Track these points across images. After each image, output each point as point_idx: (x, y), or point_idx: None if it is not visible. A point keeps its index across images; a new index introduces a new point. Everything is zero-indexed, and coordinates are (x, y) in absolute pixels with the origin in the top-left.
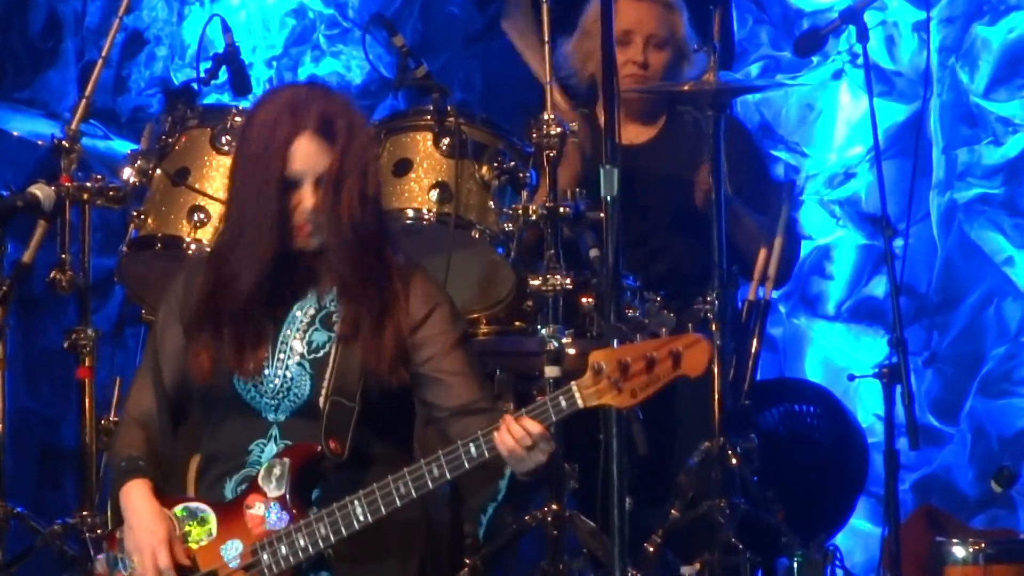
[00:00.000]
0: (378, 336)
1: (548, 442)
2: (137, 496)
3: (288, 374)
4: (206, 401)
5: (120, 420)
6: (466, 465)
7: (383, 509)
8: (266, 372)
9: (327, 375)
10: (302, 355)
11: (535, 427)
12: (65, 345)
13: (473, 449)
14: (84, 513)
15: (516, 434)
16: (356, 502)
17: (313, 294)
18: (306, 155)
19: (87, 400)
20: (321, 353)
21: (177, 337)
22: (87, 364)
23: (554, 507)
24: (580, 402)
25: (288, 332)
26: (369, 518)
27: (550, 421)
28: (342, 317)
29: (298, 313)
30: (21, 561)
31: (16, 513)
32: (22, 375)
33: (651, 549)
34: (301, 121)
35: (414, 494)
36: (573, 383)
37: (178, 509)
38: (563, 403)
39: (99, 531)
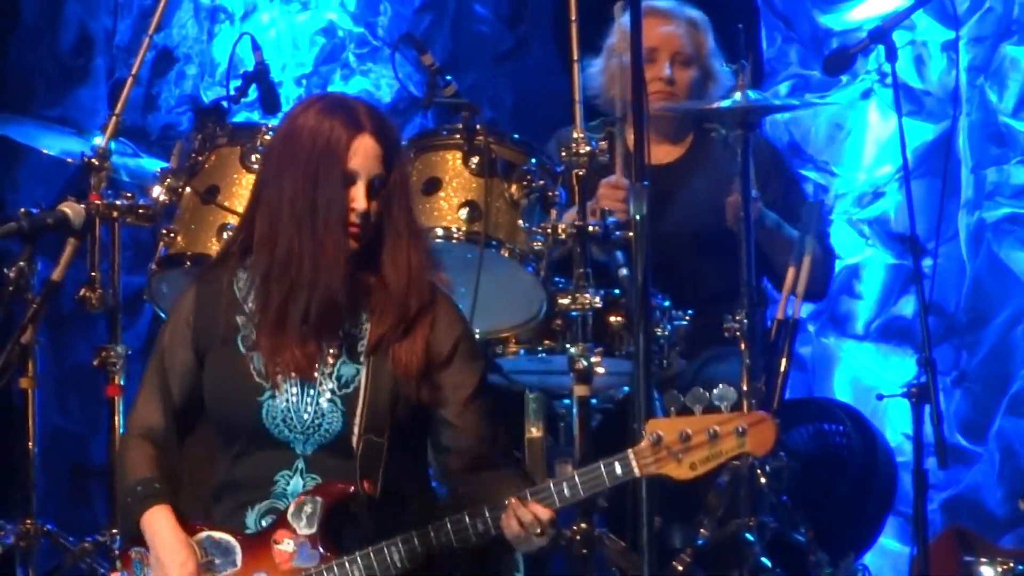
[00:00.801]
0: (405, 352)
1: (554, 526)
2: (161, 524)
3: (320, 409)
4: (227, 430)
5: (125, 438)
6: (473, 539)
7: (421, 558)
8: (296, 405)
9: (358, 411)
10: (332, 391)
11: (544, 513)
12: (95, 363)
13: (480, 525)
14: (114, 531)
15: (525, 519)
16: (393, 548)
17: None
18: (365, 155)
19: (117, 418)
20: (351, 388)
21: (187, 356)
22: (117, 382)
23: (583, 525)
24: (636, 471)
25: (320, 364)
26: (407, 565)
27: (604, 487)
28: (370, 332)
29: (329, 341)
30: None
31: (46, 530)
32: (52, 393)
33: (680, 568)
34: (359, 120)
35: (455, 544)
36: (630, 450)
37: (201, 537)
38: (619, 470)
39: None
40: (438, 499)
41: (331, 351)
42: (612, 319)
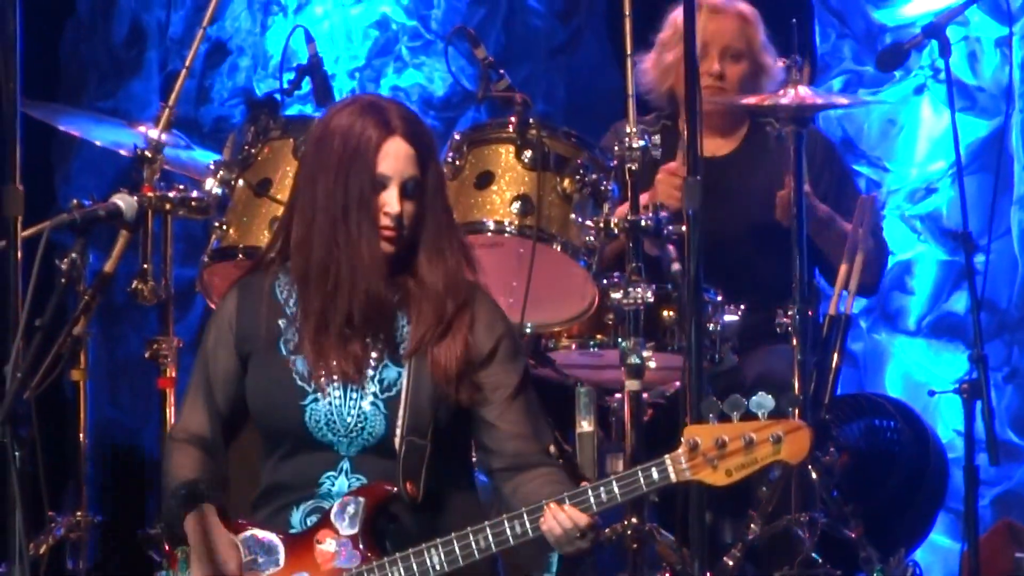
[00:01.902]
0: (444, 353)
1: (594, 531)
2: (204, 524)
3: (362, 412)
4: (272, 433)
5: (169, 442)
6: (511, 541)
7: (460, 561)
8: (339, 408)
9: (400, 413)
10: (375, 394)
11: (582, 519)
12: (147, 355)
13: (518, 528)
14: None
15: (564, 524)
16: (433, 551)
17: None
18: (396, 157)
19: (168, 409)
20: (393, 391)
21: (230, 361)
22: (168, 374)
23: (634, 520)
24: (673, 476)
25: (364, 367)
26: (446, 568)
27: (641, 492)
28: (410, 337)
29: (368, 346)
30: (102, 570)
31: (97, 522)
32: (104, 385)
33: (730, 563)
34: (391, 123)
35: (494, 548)
36: (667, 456)
37: (245, 535)
38: (655, 475)
39: None
40: (480, 500)
41: (373, 354)
42: (664, 314)
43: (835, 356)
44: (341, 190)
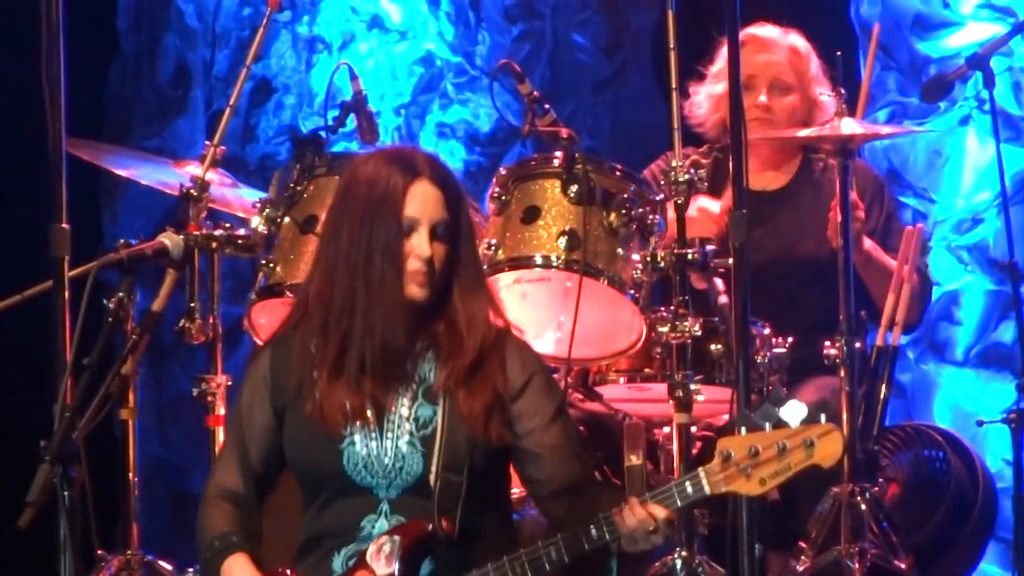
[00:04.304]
0: (474, 393)
1: (671, 526)
2: (240, 571)
3: (399, 452)
4: (312, 482)
5: (204, 499)
6: (586, 547)
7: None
8: (376, 450)
9: (436, 452)
10: (411, 432)
11: (661, 512)
12: (195, 393)
13: (594, 531)
14: None
15: (640, 516)
16: (501, 567)
17: (412, 359)
18: (424, 200)
19: (217, 448)
20: (429, 429)
21: (266, 415)
22: (217, 412)
23: (684, 553)
24: (707, 489)
25: (393, 408)
26: None
27: (675, 506)
28: (439, 377)
29: (398, 386)
30: None
31: (147, 561)
32: (153, 423)
33: None
34: (416, 167)
35: (567, 559)
36: (701, 469)
37: None
38: (689, 489)
39: None
40: (517, 536)
41: (407, 394)
42: (712, 347)
43: (883, 387)
44: (367, 236)
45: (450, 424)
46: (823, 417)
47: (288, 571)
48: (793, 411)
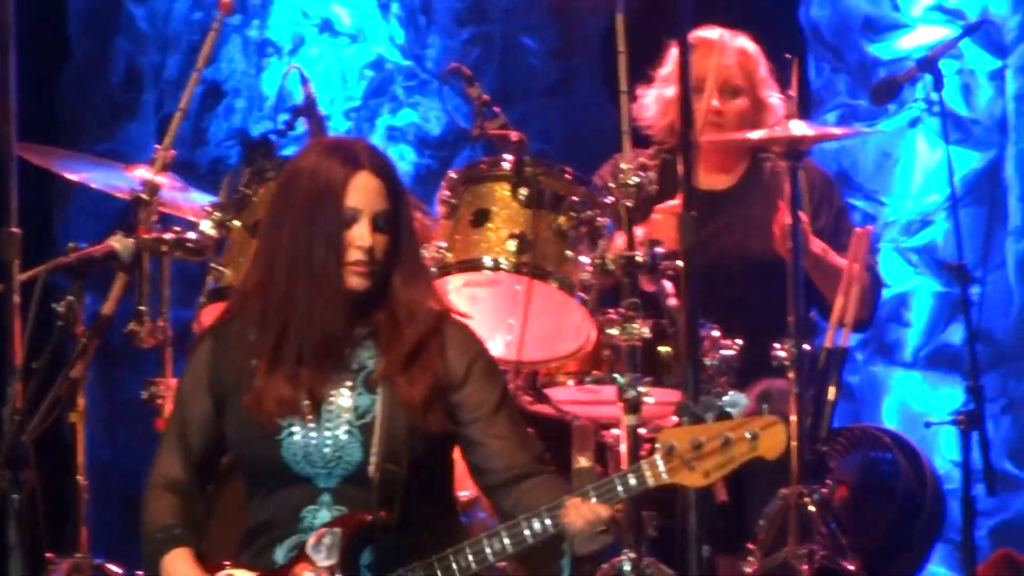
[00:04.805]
0: (414, 381)
1: (618, 524)
2: (181, 566)
3: (338, 442)
4: (252, 472)
5: (147, 489)
6: (529, 540)
7: (475, 568)
8: (315, 440)
9: (375, 441)
10: (350, 422)
11: (605, 511)
12: (144, 396)
13: (537, 525)
14: None
15: (587, 516)
16: (444, 561)
17: (351, 348)
18: (365, 191)
19: None
20: (368, 418)
21: (206, 404)
22: (166, 415)
23: (632, 555)
24: (650, 480)
25: (332, 397)
26: None
27: (618, 499)
28: (379, 365)
29: (337, 376)
30: None
31: (97, 564)
32: (103, 426)
33: None
34: (357, 158)
35: (474, 567)
36: (643, 461)
37: (221, 575)
38: (632, 481)
39: None
40: (462, 524)
41: (346, 383)
42: (661, 349)
43: (832, 389)
44: (308, 227)
45: (390, 413)
46: (765, 408)
47: (228, 564)
48: (735, 403)
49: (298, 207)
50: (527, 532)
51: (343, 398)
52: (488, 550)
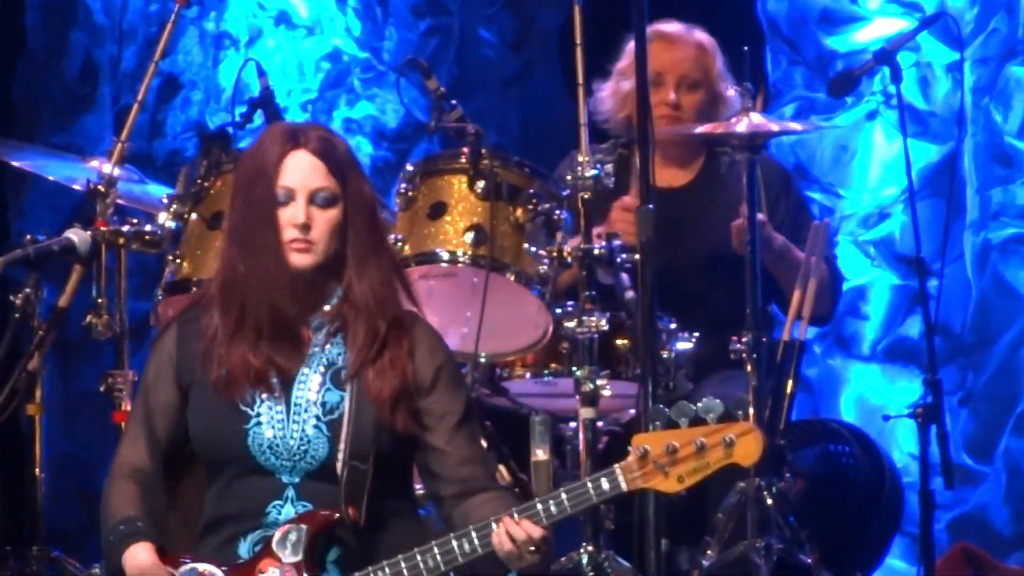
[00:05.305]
0: (383, 376)
1: (548, 544)
2: (142, 560)
3: (305, 436)
4: (214, 461)
5: (110, 478)
6: (460, 560)
7: None
8: (282, 431)
9: (343, 437)
10: (318, 417)
11: (536, 531)
12: (102, 389)
13: (467, 545)
14: None
15: (517, 536)
16: (380, 573)
17: (319, 339)
18: (300, 170)
19: None
20: (336, 414)
21: (171, 393)
22: (124, 408)
23: (590, 548)
24: (624, 485)
25: (300, 392)
26: None
27: (591, 503)
28: (348, 362)
29: (306, 370)
30: None
31: (54, 557)
32: (60, 419)
33: None
34: (297, 138)
35: (443, 568)
36: (617, 465)
37: (184, 569)
38: (605, 485)
39: None
40: (426, 523)
41: (315, 377)
42: (618, 342)
43: (789, 382)
44: (247, 208)
45: (358, 409)
46: (740, 415)
47: (189, 557)
48: (710, 408)
49: (240, 188)
50: (457, 551)
51: (311, 392)
52: (458, 551)
